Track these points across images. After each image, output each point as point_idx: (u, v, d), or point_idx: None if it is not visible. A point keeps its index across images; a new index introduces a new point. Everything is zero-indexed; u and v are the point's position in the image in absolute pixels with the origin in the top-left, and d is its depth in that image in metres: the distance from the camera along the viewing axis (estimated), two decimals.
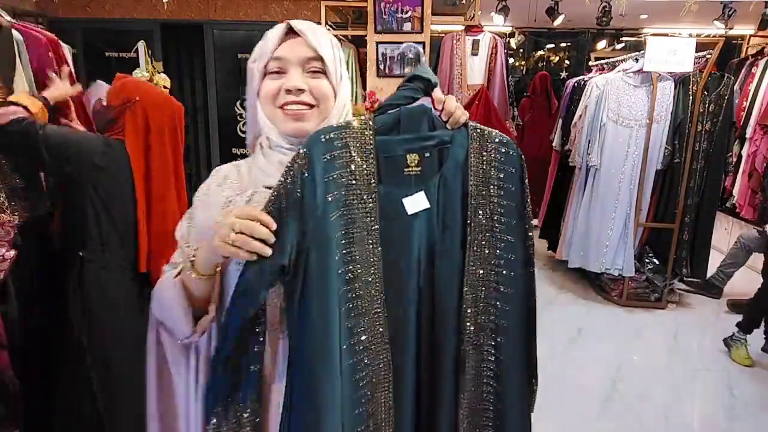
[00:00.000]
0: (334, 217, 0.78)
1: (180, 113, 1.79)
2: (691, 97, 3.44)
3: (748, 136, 4.31)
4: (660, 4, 4.75)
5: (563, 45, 6.76)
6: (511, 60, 5.83)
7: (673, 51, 3.24)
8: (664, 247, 3.66)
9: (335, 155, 0.79)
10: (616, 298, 3.77)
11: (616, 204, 3.63)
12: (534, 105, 5.15)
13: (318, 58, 0.85)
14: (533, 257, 0.87)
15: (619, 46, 6.33)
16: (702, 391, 2.69)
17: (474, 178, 0.83)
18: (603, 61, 4.44)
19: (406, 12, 3.81)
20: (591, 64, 4.86)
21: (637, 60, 3.63)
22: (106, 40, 4.48)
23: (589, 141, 3.68)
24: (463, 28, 4.28)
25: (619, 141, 3.58)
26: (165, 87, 3.36)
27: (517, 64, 6.72)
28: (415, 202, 0.82)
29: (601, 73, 4.09)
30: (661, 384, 2.74)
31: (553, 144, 4.30)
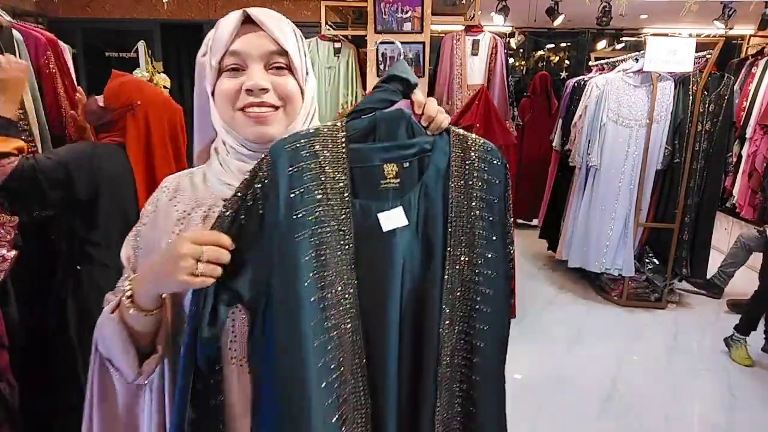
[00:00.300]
0: (303, 238, 0.68)
1: (180, 115, 1.74)
2: (691, 97, 3.44)
3: (748, 136, 4.31)
4: (660, 4, 4.75)
5: (563, 45, 6.76)
6: (511, 60, 5.82)
7: (673, 51, 3.24)
8: (664, 247, 3.66)
9: (303, 167, 0.69)
10: (616, 298, 3.77)
11: (616, 204, 3.63)
12: (534, 105, 5.15)
13: (282, 52, 0.74)
14: (513, 273, 0.82)
15: (619, 46, 6.33)
16: (702, 391, 2.69)
17: (455, 189, 0.76)
18: (603, 61, 4.44)
19: (406, 12, 3.81)
20: (591, 64, 4.86)
21: (637, 60, 3.63)
22: (106, 40, 4.49)
23: (589, 141, 3.68)
24: (463, 28, 4.27)
25: (619, 141, 3.58)
26: (165, 87, 3.37)
27: (517, 64, 6.72)
28: (391, 218, 0.73)
29: (601, 73, 4.09)
30: (661, 384, 2.74)
31: (553, 144, 4.30)
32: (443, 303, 0.75)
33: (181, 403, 0.68)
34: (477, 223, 0.77)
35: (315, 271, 0.69)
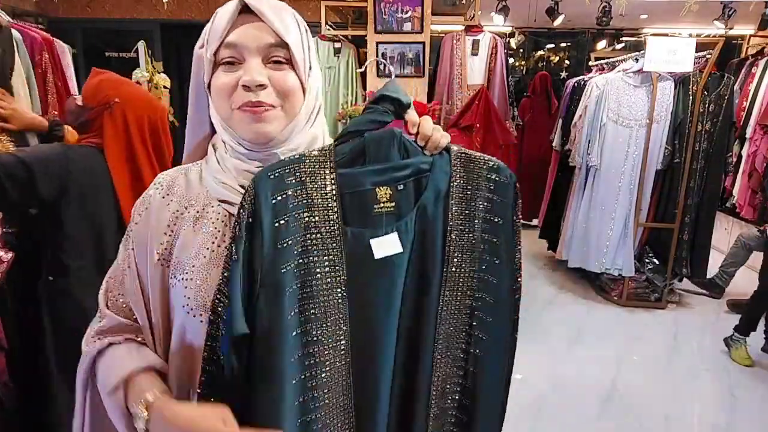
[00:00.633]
0: (288, 268, 0.65)
1: (163, 115, 1.61)
2: (691, 97, 3.44)
3: (748, 136, 4.31)
4: (660, 4, 4.74)
5: (563, 45, 6.76)
6: (511, 60, 5.82)
7: (673, 51, 3.24)
8: (664, 247, 3.66)
9: (288, 194, 0.66)
10: (616, 298, 3.77)
11: (616, 204, 3.63)
12: (534, 105, 5.15)
13: (282, 44, 0.69)
14: (518, 306, 0.75)
15: (619, 46, 6.33)
16: (702, 391, 2.69)
17: (456, 211, 0.71)
18: (603, 61, 4.44)
19: (406, 12, 3.81)
20: (591, 64, 4.86)
21: (637, 60, 3.63)
22: (106, 40, 4.49)
23: (589, 141, 3.68)
24: (463, 28, 4.27)
25: (619, 141, 3.58)
26: (165, 87, 3.37)
27: (517, 64, 6.72)
28: (384, 245, 0.68)
29: (601, 73, 4.09)
30: (661, 384, 2.74)
31: (553, 144, 4.30)
32: (437, 334, 0.71)
33: None
34: (479, 246, 0.72)
35: (299, 304, 0.65)
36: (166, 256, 0.73)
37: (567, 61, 6.75)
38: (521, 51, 6.71)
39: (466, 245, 0.71)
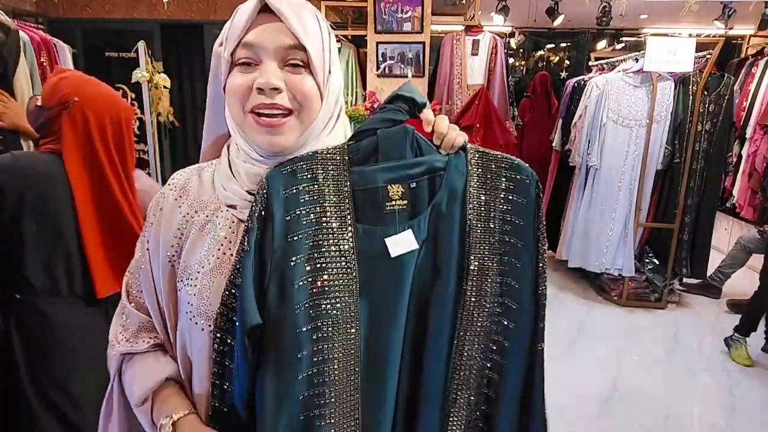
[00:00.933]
0: (298, 261, 0.64)
1: (127, 114, 1.48)
2: (691, 97, 3.44)
3: (748, 136, 4.31)
4: (660, 4, 4.75)
5: (563, 45, 6.76)
6: (511, 60, 5.82)
7: (673, 51, 3.24)
8: (664, 247, 3.66)
9: (299, 189, 0.66)
10: (616, 298, 3.77)
11: (616, 204, 3.63)
12: (534, 105, 5.15)
13: (300, 47, 0.66)
14: (543, 309, 0.71)
15: (619, 46, 6.33)
16: (702, 391, 2.69)
17: (473, 212, 0.69)
18: (603, 61, 4.44)
19: (406, 12, 3.81)
20: (591, 64, 4.86)
21: (637, 60, 3.63)
22: (106, 40, 4.49)
23: (589, 141, 3.68)
24: (463, 28, 4.28)
25: (619, 141, 3.58)
26: (165, 87, 3.38)
27: (517, 64, 6.72)
28: (400, 243, 0.67)
29: (601, 73, 4.09)
30: (661, 384, 2.74)
31: (553, 144, 4.30)
32: (458, 339, 0.68)
33: None
34: (499, 249, 0.69)
35: (309, 299, 0.64)
36: (176, 259, 0.73)
37: (567, 61, 6.75)
38: (521, 51, 6.71)
39: (484, 247, 0.69)
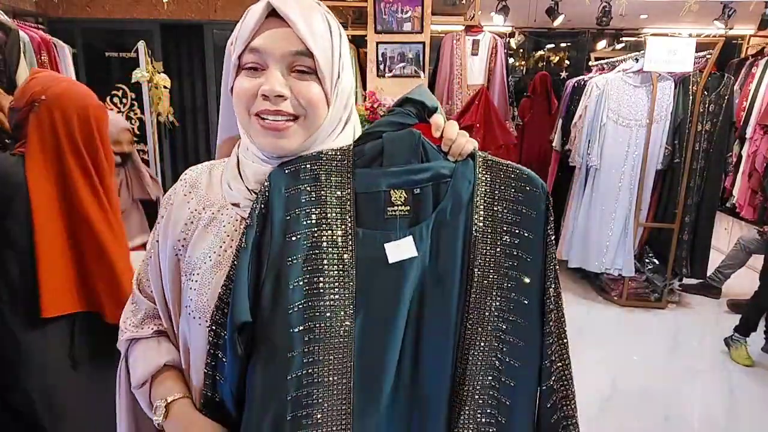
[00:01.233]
0: (295, 261, 0.64)
1: (98, 114, 1.35)
2: (691, 97, 3.44)
3: (748, 136, 4.31)
4: (660, 4, 4.74)
5: (563, 45, 6.75)
6: (511, 60, 5.82)
7: (673, 51, 3.24)
8: (664, 247, 3.66)
9: (300, 189, 0.66)
10: (616, 298, 3.76)
11: (616, 204, 3.63)
12: (534, 105, 5.14)
13: (307, 53, 0.65)
14: (563, 326, 0.71)
15: (619, 46, 6.32)
16: (702, 391, 2.69)
17: (479, 222, 0.67)
18: (603, 61, 4.44)
19: (406, 12, 3.81)
20: (591, 64, 4.86)
21: (637, 60, 3.63)
22: (106, 40, 4.48)
23: (589, 141, 3.68)
24: (463, 28, 4.27)
25: (619, 141, 3.58)
26: (165, 87, 3.37)
27: (517, 64, 6.72)
28: (399, 249, 0.66)
29: (601, 73, 4.09)
30: (661, 384, 2.74)
31: (553, 144, 4.30)
32: (461, 352, 0.66)
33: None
34: (506, 263, 0.67)
35: (304, 300, 0.63)
36: (182, 253, 0.74)
37: (567, 61, 6.74)
38: (521, 51, 6.71)
39: (489, 260, 0.67)
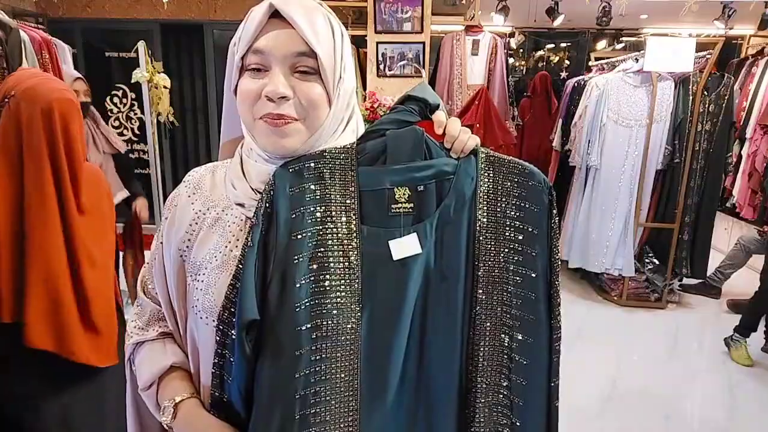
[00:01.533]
0: (301, 260, 0.64)
1: (64, 108, 1.22)
2: (691, 97, 3.44)
3: (748, 136, 4.30)
4: (660, 4, 4.74)
5: (563, 45, 6.76)
6: (511, 60, 5.82)
7: (673, 51, 3.23)
8: (664, 247, 3.65)
9: (305, 188, 0.66)
10: (616, 298, 3.77)
11: (616, 204, 3.63)
12: (534, 105, 5.15)
13: (310, 53, 0.65)
14: (558, 321, 0.72)
15: (619, 46, 6.33)
16: (702, 391, 2.69)
17: (483, 218, 0.68)
18: (603, 61, 4.44)
19: (406, 12, 3.81)
20: (591, 64, 4.85)
21: (637, 60, 3.63)
22: (106, 40, 4.49)
23: (589, 141, 3.68)
24: (463, 28, 4.27)
25: (619, 141, 3.58)
26: (165, 87, 3.37)
27: (517, 64, 6.72)
28: (403, 246, 0.66)
29: (601, 73, 4.09)
30: (661, 384, 2.74)
31: (553, 144, 4.29)
32: (471, 347, 0.67)
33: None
34: (511, 258, 0.68)
35: (311, 298, 0.64)
36: (187, 253, 0.75)
37: (567, 61, 6.75)
38: (521, 51, 6.71)
39: (494, 255, 0.68)
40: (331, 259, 0.65)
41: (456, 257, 0.67)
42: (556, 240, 0.70)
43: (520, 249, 0.68)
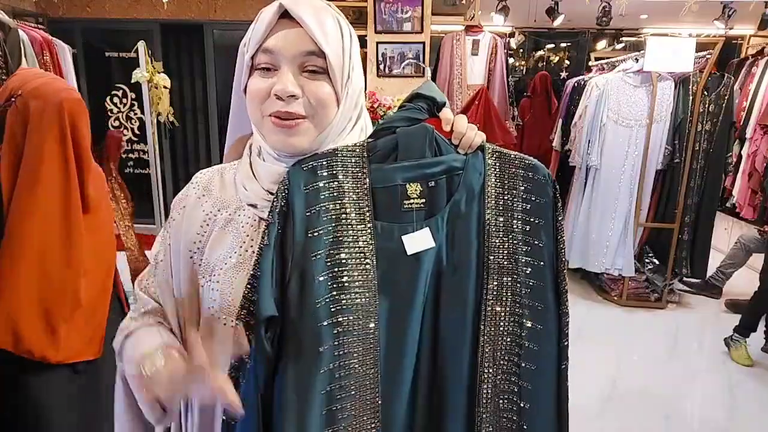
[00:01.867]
0: (319, 257, 0.66)
1: (74, 111, 1.23)
2: (691, 97, 3.44)
3: (748, 136, 4.30)
4: (660, 4, 4.74)
5: (563, 45, 6.76)
6: (511, 60, 5.82)
7: (673, 51, 3.23)
8: (664, 247, 3.65)
9: (319, 186, 0.68)
10: (616, 298, 3.76)
11: (616, 204, 3.63)
12: (534, 105, 5.15)
13: (319, 53, 0.66)
14: (566, 306, 0.73)
15: (619, 46, 6.33)
16: (702, 391, 2.69)
17: (492, 211, 0.70)
18: (603, 61, 4.44)
19: (406, 12, 3.81)
20: (591, 64, 4.85)
21: (637, 60, 3.63)
22: (106, 40, 4.49)
23: (589, 141, 3.68)
24: (463, 28, 4.28)
25: (619, 141, 3.58)
26: (165, 87, 3.37)
27: (517, 64, 6.72)
28: (417, 241, 0.68)
29: (601, 73, 4.08)
30: (661, 384, 2.74)
31: (553, 144, 4.29)
32: (483, 337, 0.69)
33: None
34: (520, 249, 0.70)
35: (329, 294, 0.65)
36: (198, 255, 0.75)
37: (567, 61, 6.75)
38: (521, 51, 6.71)
39: (504, 246, 0.70)
40: (347, 255, 0.67)
41: (467, 249, 0.69)
42: (561, 230, 0.72)
43: (527, 239, 0.71)
